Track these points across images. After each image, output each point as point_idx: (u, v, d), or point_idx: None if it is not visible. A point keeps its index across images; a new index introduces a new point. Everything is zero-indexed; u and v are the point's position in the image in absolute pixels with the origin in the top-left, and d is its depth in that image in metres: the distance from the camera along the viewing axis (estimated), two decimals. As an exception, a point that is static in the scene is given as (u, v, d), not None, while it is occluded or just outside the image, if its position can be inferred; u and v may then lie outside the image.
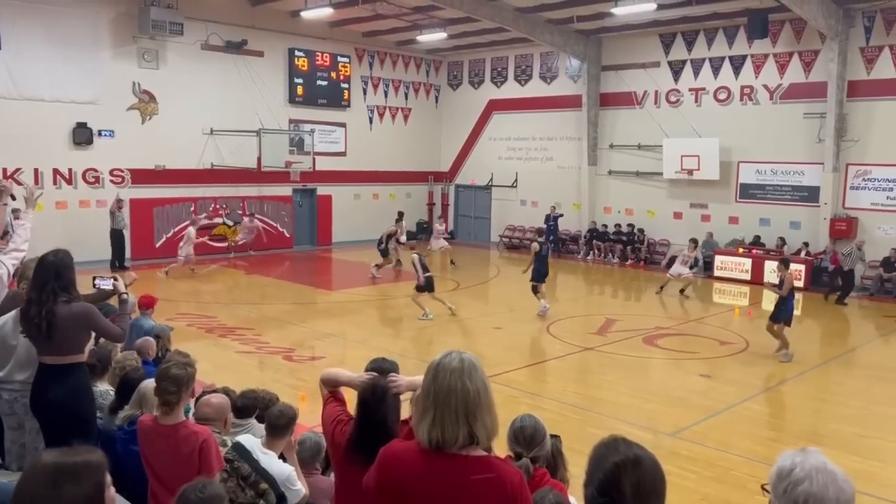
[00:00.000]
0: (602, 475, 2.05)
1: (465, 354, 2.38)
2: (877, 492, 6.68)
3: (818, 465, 1.86)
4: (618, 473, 2.03)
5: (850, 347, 12.60)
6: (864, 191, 18.15)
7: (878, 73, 17.69)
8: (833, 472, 1.85)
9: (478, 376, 2.30)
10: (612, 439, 2.16)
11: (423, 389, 2.36)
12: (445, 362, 2.35)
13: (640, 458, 2.09)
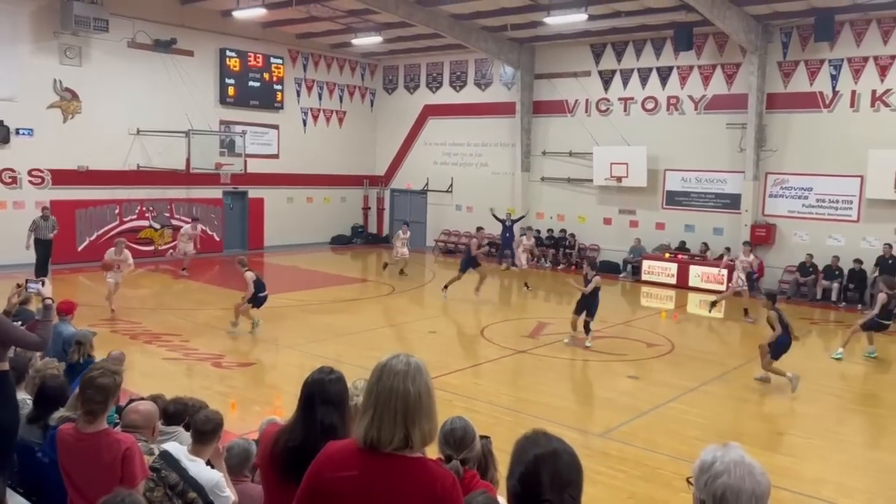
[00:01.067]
0: (523, 468, 2.13)
1: (412, 358, 2.40)
2: (792, 486, 7.00)
3: (737, 459, 1.95)
4: (537, 465, 2.11)
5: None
6: (782, 198, 19.02)
7: (794, 87, 18.58)
8: (751, 465, 1.94)
9: (422, 381, 2.32)
10: (533, 433, 2.24)
11: (367, 389, 2.38)
12: (391, 364, 2.36)
13: (558, 451, 2.16)
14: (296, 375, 9.77)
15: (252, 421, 7.07)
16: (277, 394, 9.66)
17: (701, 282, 18.94)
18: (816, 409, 9.55)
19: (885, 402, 9.88)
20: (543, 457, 2.13)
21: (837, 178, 17.95)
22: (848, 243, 17.84)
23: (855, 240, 17.77)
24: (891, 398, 10.04)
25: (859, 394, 10.32)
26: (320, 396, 3.02)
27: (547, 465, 2.11)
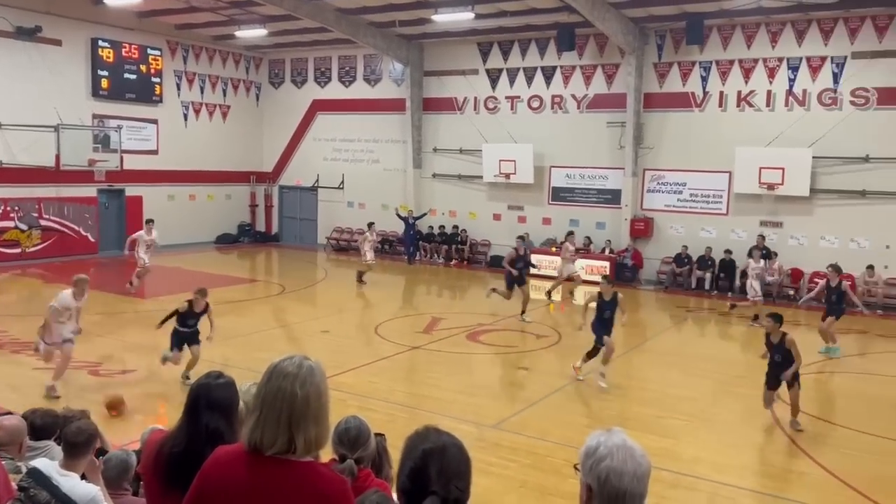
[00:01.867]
0: (412, 463, 2.14)
1: (307, 361, 2.31)
2: (672, 466, 7.38)
3: (619, 443, 2.03)
4: (426, 460, 2.13)
5: (648, 337, 13.84)
6: (659, 193, 20.04)
7: (668, 87, 19.61)
8: (632, 448, 2.03)
9: (312, 384, 2.24)
10: (423, 429, 2.25)
11: (256, 391, 2.31)
12: (282, 366, 2.29)
13: (446, 445, 2.18)
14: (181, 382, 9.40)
15: (134, 431, 6.71)
16: (161, 402, 9.22)
17: (585, 274, 19.64)
18: (693, 392, 10.12)
19: (756, 384, 10.60)
20: (432, 452, 2.14)
21: (708, 173, 19.10)
22: (719, 235, 19.03)
23: (725, 232, 18.98)
24: (761, 379, 10.79)
25: (733, 376, 11.02)
26: (206, 401, 2.89)
27: (435, 459, 2.13)
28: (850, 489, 7.03)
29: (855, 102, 17.20)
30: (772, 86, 18.18)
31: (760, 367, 8.92)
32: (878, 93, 16.90)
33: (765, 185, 17.76)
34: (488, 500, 6.60)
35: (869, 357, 12.93)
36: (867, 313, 14.47)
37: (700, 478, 7.20)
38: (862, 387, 10.80)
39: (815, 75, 17.63)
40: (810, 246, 17.85)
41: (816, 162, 17.38)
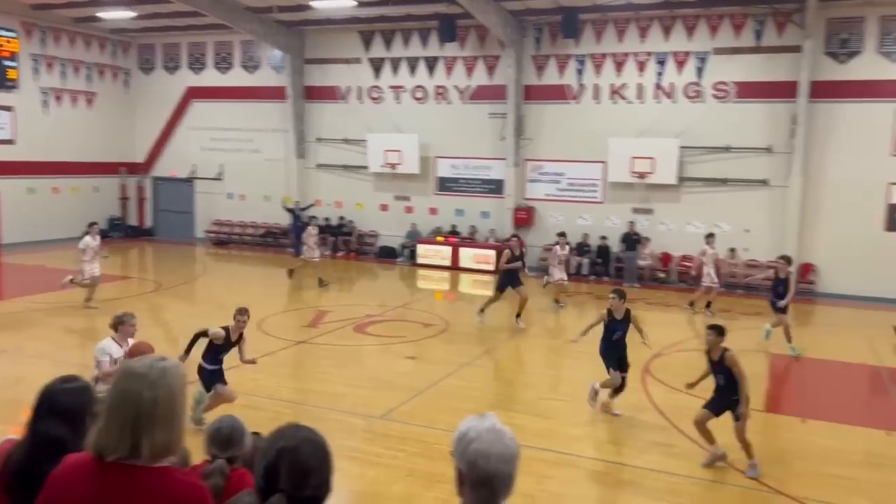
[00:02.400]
0: (265, 461, 2.11)
1: (162, 362, 2.19)
2: (554, 446, 7.65)
3: (488, 426, 2.09)
4: (278, 459, 2.09)
5: (532, 322, 14.24)
6: (539, 183, 20.64)
7: (547, 79, 20.19)
8: (500, 431, 2.09)
9: (163, 386, 2.12)
10: (285, 426, 2.21)
11: (107, 393, 2.20)
12: (132, 367, 2.18)
13: (299, 443, 2.13)
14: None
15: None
16: (25, 410, 8.55)
17: (472, 262, 19.99)
18: (573, 374, 10.52)
19: (634, 364, 11.16)
20: (284, 449, 2.10)
21: (585, 163, 19.85)
22: (595, 222, 19.85)
23: (600, 219, 19.81)
24: (638, 359, 11.36)
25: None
26: (48, 407, 2.69)
27: (287, 456, 2.08)
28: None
29: (716, 95, 18.37)
30: (642, 79, 19.10)
31: (633, 346, 9.32)
32: (736, 86, 18.13)
33: (636, 175, 18.67)
34: (376, 490, 6.60)
35: (731, 334, 13.86)
36: (722, 291, 15.52)
37: (582, 456, 7.50)
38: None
39: (681, 69, 18.68)
40: (678, 231, 18.96)
41: (683, 152, 18.45)
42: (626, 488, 6.82)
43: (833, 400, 9.92)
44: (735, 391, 7.06)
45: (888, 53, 16.78)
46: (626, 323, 8.71)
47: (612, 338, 8.73)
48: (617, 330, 8.69)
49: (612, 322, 8.74)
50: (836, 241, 17.26)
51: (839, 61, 17.21)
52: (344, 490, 6.68)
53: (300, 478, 2.06)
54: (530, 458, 7.27)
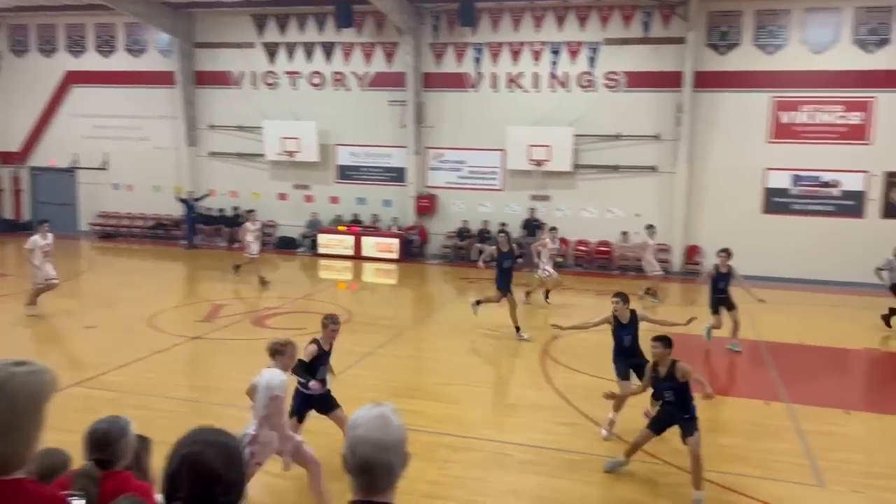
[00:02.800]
0: (170, 467, 2.00)
1: (18, 367, 1.99)
2: (457, 431, 7.72)
3: (377, 414, 2.11)
4: (182, 464, 1.97)
5: (435, 308, 14.34)
6: (441, 171, 20.72)
7: (445, 67, 20.24)
8: (387, 419, 2.10)
9: (10, 396, 1.94)
10: (194, 430, 2.08)
11: None
12: None
13: (203, 447, 2.02)
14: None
15: None
16: None
17: (375, 251, 19.86)
18: (476, 359, 10.65)
19: (529, 345, 11.42)
20: (187, 455, 1.99)
21: (484, 151, 20.08)
22: (495, 209, 20.14)
23: (500, 206, 20.13)
24: (540, 339, 11.63)
25: (510, 340, 11.75)
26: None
27: (188, 462, 1.97)
28: (614, 436, 7.83)
29: (608, 85, 18.98)
30: (537, 68, 19.48)
31: (533, 330, 9.53)
32: (626, 76, 18.79)
33: (534, 162, 19.06)
34: (279, 484, 6.45)
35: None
36: (618, 274, 16.13)
37: (483, 439, 7.60)
38: (600, 338, 11.99)
39: (574, 59, 19.17)
40: (574, 217, 19.52)
41: (577, 140, 18.98)
42: (528, 468, 6.96)
43: (718, 375, 10.50)
44: (686, 408, 6.49)
45: (763, 46, 17.83)
46: (633, 326, 7.96)
47: (623, 344, 7.91)
48: (626, 335, 7.87)
49: (619, 328, 7.95)
50: (718, 223, 18.24)
51: (720, 53, 18.15)
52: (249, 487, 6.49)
53: (202, 485, 1.94)
54: (433, 443, 7.31)
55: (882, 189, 17.41)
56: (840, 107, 17.45)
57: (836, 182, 17.68)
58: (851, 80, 17.25)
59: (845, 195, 17.65)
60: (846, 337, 12.31)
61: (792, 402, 8.81)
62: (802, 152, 17.74)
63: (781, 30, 17.68)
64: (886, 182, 17.37)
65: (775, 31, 17.72)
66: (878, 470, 7.18)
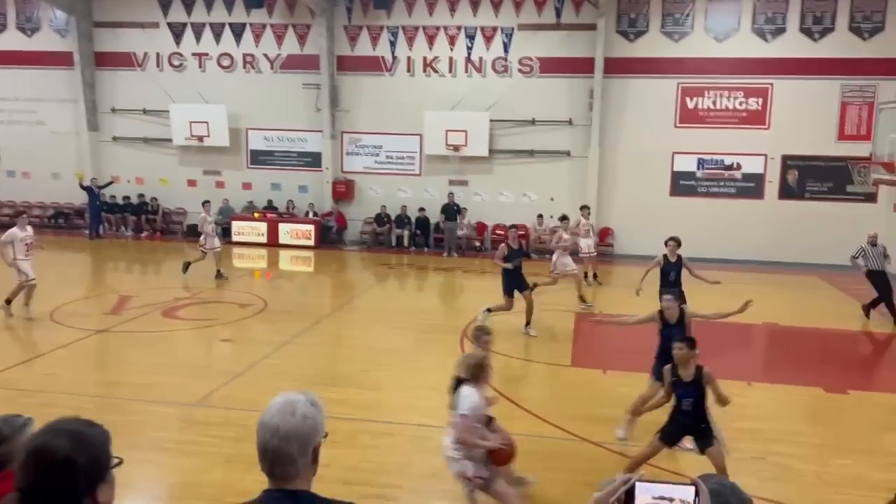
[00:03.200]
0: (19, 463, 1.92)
1: None
2: (379, 416, 7.69)
3: (284, 401, 2.11)
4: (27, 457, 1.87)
5: (354, 295, 14.20)
6: (358, 156, 20.49)
7: (360, 51, 19.96)
8: (294, 406, 2.09)
9: None
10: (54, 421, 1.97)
11: None
12: None
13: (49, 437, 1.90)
14: None
15: None
16: None
17: (290, 238, 19.49)
18: (397, 344, 10.62)
19: (449, 329, 11.48)
20: (33, 446, 1.89)
21: (402, 136, 19.98)
22: (413, 194, 20.11)
23: (419, 191, 20.10)
24: (454, 324, 11.70)
25: (430, 324, 11.79)
26: None
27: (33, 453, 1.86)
28: (527, 412, 7.99)
29: (522, 70, 19.20)
30: (453, 53, 19.49)
31: (453, 313, 9.58)
32: (540, 62, 19.05)
33: (451, 147, 19.10)
34: (193, 480, 6.25)
35: (541, 296, 14.69)
36: (535, 257, 16.44)
37: (405, 423, 7.59)
38: (522, 321, 12.22)
39: (489, 44, 19.28)
40: (491, 201, 19.72)
41: (494, 125, 19.13)
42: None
43: (630, 351, 10.84)
44: (703, 416, 5.95)
45: (670, 33, 18.42)
46: (682, 326, 7.34)
47: (667, 346, 6.85)
48: (673, 336, 6.83)
49: (667, 328, 7.32)
50: (629, 206, 18.83)
51: (629, 40, 18.64)
52: (158, 483, 6.26)
53: (42, 474, 1.83)
54: (354, 430, 7.26)
55: (780, 171, 18.36)
56: (741, 93, 18.26)
57: (738, 165, 18.53)
58: (751, 68, 18.06)
59: (746, 178, 18.53)
60: (748, 313, 12.94)
61: (699, 376, 9.20)
62: (707, 137, 18.49)
63: (686, 18, 18.31)
64: (783, 165, 18.33)
65: (681, 19, 18.34)
66: (776, 437, 7.61)
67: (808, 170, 18.22)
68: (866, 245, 12.63)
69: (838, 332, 11.93)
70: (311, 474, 2.13)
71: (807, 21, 17.79)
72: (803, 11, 17.77)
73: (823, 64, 17.71)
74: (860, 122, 17.69)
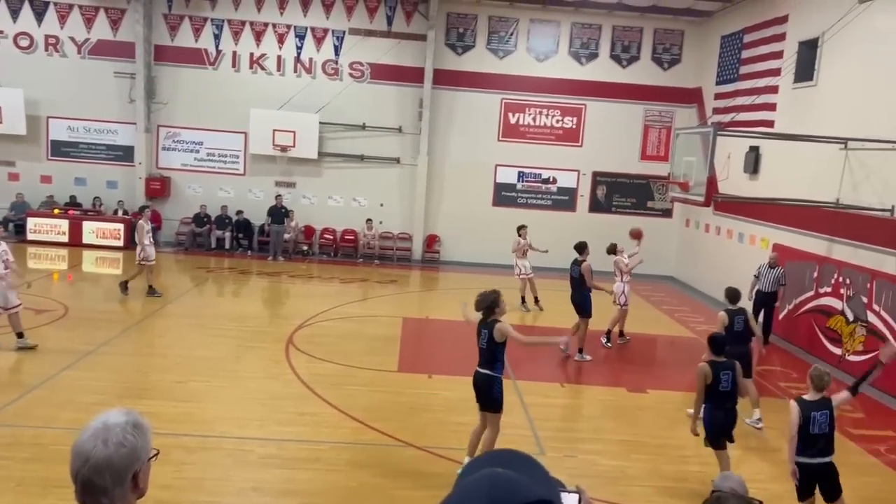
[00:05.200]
0: None
1: None
2: (194, 430, 7.26)
3: (100, 426, 1.93)
4: None
5: (168, 300, 13.32)
6: (176, 152, 19.31)
7: (181, 41, 18.85)
8: (109, 431, 1.92)
9: None
10: None
11: None
12: None
13: None
14: None
15: None
16: None
17: (96, 238, 17.95)
18: (216, 353, 10.10)
19: (273, 336, 11.12)
20: None
21: (225, 133, 19.11)
22: (237, 195, 19.30)
23: (242, 191, 19.33)
24: (279, 331, 11.36)
25: (252, 332, 11.34)
26: None
27: None
28: (352, 419, 7.93)
29: (353, 75, 19.11)
30: (281, 51, 18.98)
31: (277, 320, 9.30)
32: (371, 67, 19.07)
33: (278, 147, 18.57)
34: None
35: (368, 302, 14.73)
36: (362, 262, 16.43)
37: (223, 436, 7.23)
38: (361, 328, 12.21)
39: (320, 46, 19.00)
40: (320, 205, 19.42)
41: (323, 127, 18.86)
42: (270, 463, 6.76)
43: (454, 356, 11.12)
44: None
45: (495, 50, 19.21)
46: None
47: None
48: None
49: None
50: (455, 214, 19.37)
51: (457, 53, 19.20)
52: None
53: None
54: (167, 445, 6.76)
55: (590, 186, 19.76)
56: (558, 111, 19.44)
57: (554, 179, 19.71)
58: (567, 88, 19.29)
59: (561, 191, 19.74)
60: (564, 318, 13.78)
61: (518, 380, 9.63)
62: (527, 151, 19.47)
63: (511, 37, 19.19)
64: (593, 180, 19.74)
65: (505, 37, 19.19)
66: (585, 435, 8.15)
67: (614, 186, 19.77)
68: (764, 265, 12.59)
69: (643, 336, 13.00)
70: (134, 498, 1.98)
71: (616, 49, 19.33)
72: (614, 39, 19.29)
73: (630, 89, 19.33)
74: (660, 144, 19.51)
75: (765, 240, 14.42)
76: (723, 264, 16.20)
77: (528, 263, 14.51)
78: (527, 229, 14.75)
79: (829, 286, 12.08)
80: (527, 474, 1.17)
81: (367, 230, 19.04)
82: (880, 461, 7.87)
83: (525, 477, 1.14)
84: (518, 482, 1.11)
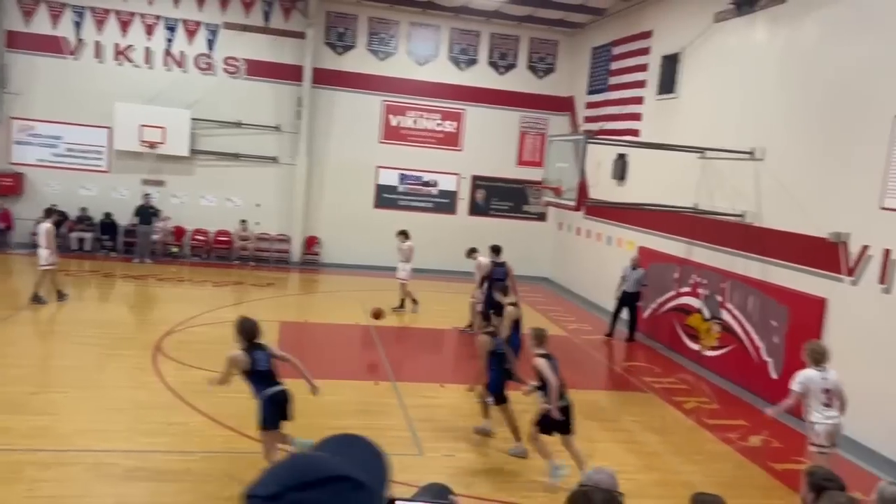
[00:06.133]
0: None
1: None
2: (50, 445, 6.77)
3: None
4: None
5: (22, 306, 12.33)
6: (31, 146, 17.91)
7: (37, 28, 17.51)
8: None
9: None
10: None
11: None
12: None
13: None
14: None
15: None
16: None
17: None
18: (77, 362, 9.45)
19: (139, 343, 10.54)
20: None
21: (87, 127, 17.92)
22: (100, 193, 18.15)
23: (107, 190, 18.20)
24: (145, 338, 10.77)
25: (117, 338, 10.69)
26: None
27: None
28: (225, 427, 7.65)
29: (228, 70, 18.46)
30: (150, 43, 18.04)
31: (144, 325, 8.84)
32: (247, 63, 18.50)
33: (146, 144, 17.64)
34: None
35: (244, 306, 14.25)
36: (240, 263, 15.91)
37: (83, 450, 6.77)
38: (217, 332, 11.77)
39: (192, 39, 18.22)
40: (192, 204, 18.60)
41: (196, 124, 18.09)
42: (136, 476, 6.40)
43: (332, 359, 10.99)
44: None
45: (375, 51, 19.16)
46: None
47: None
48: None
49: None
50: (336, 215, 19.13)
51: (337, 53, 18.99)
52: None
53: None
54: (18, 462, 6.29)
55: (470, 190, 20.11)
56: (438, 115, 19.66)
57: (435, 182, 19.91)
58: (447, 93, 19.54)
59: (441, 194, 19.96)
60: (443, 318, 13.95)
61: (397, 381, 9.65)
62: (408, 154, 19.55)
63: (391, 39, 19.21)
64: (473, 184, 20.11)
65: (386, 39, 19.19)
66: (462, 434, 8.26)
67: (493, 189, 20.22)
68: (627, 267, 13.45)
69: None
70: None
71: (494, 56, 19.79)
72: (491, 46, 19.74)
73: (507, 96, 19.85)
74: (535, 150, 20.15)
75: (631, 243, 15.22)
76: (593, 266, 16.97)
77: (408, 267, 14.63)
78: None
79: (688, 286, 12.93)
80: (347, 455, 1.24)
81: (241, 231, 18.45)
82: (732, 448, 8.50)
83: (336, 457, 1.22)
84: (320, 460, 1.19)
